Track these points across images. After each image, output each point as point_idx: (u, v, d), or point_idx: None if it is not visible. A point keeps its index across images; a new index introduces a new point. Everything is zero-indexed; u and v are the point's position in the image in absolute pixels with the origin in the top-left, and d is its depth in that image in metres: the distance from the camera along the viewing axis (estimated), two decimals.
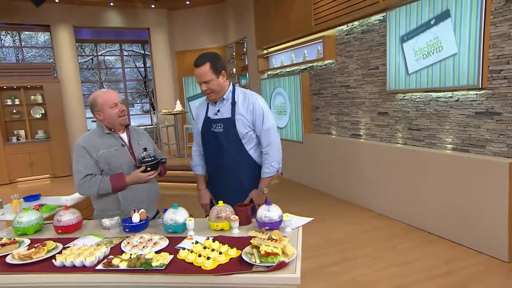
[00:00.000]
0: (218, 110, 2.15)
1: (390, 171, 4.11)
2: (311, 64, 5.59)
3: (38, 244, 1.63)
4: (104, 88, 15.18)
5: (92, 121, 11.97)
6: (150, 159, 2.08)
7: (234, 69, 8.51)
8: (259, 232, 1.62)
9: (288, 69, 6.27)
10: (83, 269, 1.45)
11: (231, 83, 2.20)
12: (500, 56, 3.00)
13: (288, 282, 1.33)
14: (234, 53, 8.37)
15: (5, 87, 7.49)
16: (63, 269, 1.46)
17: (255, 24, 6.91)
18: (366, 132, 4.66)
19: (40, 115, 7.89)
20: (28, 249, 1.59)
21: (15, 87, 7.53)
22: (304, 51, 5.67)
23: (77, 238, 1.77)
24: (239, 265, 1.41)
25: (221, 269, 1.38)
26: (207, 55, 2.07)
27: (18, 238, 1.75)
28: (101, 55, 14.61)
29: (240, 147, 2.12)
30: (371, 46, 4.40)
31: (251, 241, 1.49)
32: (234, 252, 1.49)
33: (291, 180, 6.24)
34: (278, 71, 6.56)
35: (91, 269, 1.44)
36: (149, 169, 2.08)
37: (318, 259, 3.23)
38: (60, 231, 1.86)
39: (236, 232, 1.74)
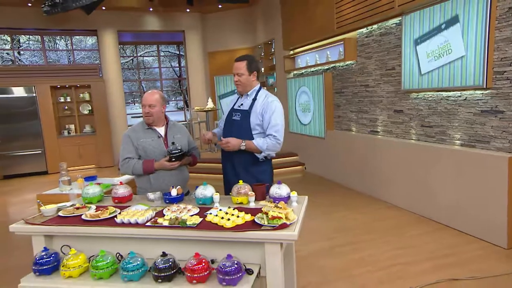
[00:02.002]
0: (242, 104, 2.61)
1: (403, 165, 4.37)
2: (334, 65, 5.89)
3: (103, 208, 2.14)
4: (143, 85, 16.11)
5: (132, 117, 12.80)
6: (176, 151, 2.53)
7: (263, 69, 8.92)
8: (269, 202, 2.03)
9: (312, 69, 6.59)
10: (136, 225, 1.93)
11: (259, 85, 2.63)
12: (504, 59, 3.20)
13: (288, 238, 1.74)
14: (262, 54, 8.78)
15: (58, 86, 8.36)
16: (122, 225, 1.95)
17: (282, 27, 7.27)
18: (383, 128, 4.92)
19: (88, 111, 8.72)
20: (96, 211, 2.10)
21: (67, 86, 8.39)
22: (327, 52, 5.98)
23: (129, 206, 2.26)
24: (252, 225, 1.83)
25: (238, 228, 1.81)
26: (248, 55, 2.58)
27: (87, 205, 2.27)
28: (140, 56, 15.57)
29: (249, 134, 2.53)
30: (388, 48, 4.66)
31: (262, 209, 1.90)
32: (248, 217, 1.91)
33: (313, 174, 6.58)
34: (303, 70, 6.90)
35: (142, 225, 1.92)
36: (173, 159, 2.52)
37: (331, 241, 3.59)
38: (116, 201, 2.36)
39: (252, 205, 2.16)
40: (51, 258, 1.90)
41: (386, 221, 4.06)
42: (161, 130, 2.64)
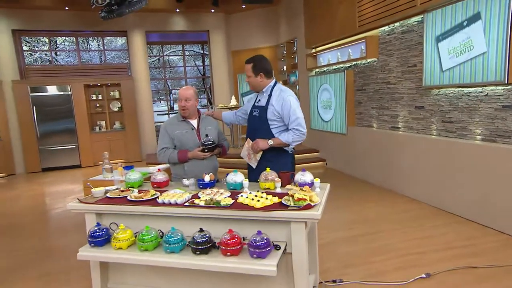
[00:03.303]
0: (259, 100, 2.82)
1: (424, 160, 4.45)
2: (355, 62, 6.00)
3: (145, 191, 2.40)
4: (168, 84, 16.60)
5: (158, 114, 13.24)
6: (209, 142, 2.77)
7: (285, 67, 9.10)
8: (294, 186, 2.22)
9: (334, 67, 6.71)
10: (175, 205, 2.17)
11: (274, 81, 2.82)
12: None
13: (312, 217, 1.93)
14: (285, 52, 8.95)
15: (91, 85, 8.84)
16: (163, 204, 2.20)
17: (305, 26, 7.42)
18: (404, 124, 5.00)
19: (117, 108, 9.17)
20: (139, 194, 2.37)
21: (99, 84, 8.85)
22: (349, 50, 6.09)
23: (167, 190, 2.51)
24: (279, 206, 2.03)
25: (266, 208, 2.01)
26: (255, 58, 2.76)
27: (130, 188, 2.54)
28: (166, 55, 16.05)
29: (268, 128, 2.73)
30: (410, 45, 4.74)
31: (288, 192, 2.10)
32: (276, 199, 2.11)
33: (335, 169, 6.71)
34: (325, 68, 7.03)
35: (181, 205, 2.16)
36: (206, 150, 2.77)
37: (351, 231, 3.75)
38: (155, 185, 2.62)
39: (279, 190, 2.36)
40: (103, 232, 2.18)
41: (405, 213, 4.17)
42: (194, 122, 2.88)
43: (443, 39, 4.12)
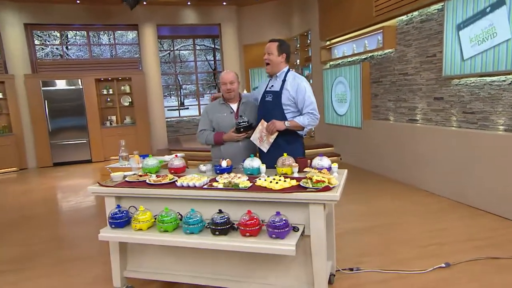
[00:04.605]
0: (272, 85, 2.90)
1: (443, 152, 4.45)
2: (371, 54, 6.01)
3: (163, 175, 2.49)
4: (179, 79, 16.74)
5: (168, 110, 13.39)
6: (243, 123, 2.84)
7: (298, 61, 9.13)
8: (313, 169, 2.29)
9: (349, 59, 6.73)
10: (194, 188, 2.26)
11: (288, 67, 2.90)
12: None
13: (331, 198, 1.99)
14: (298, 45, 8.99)
15: (102, 79, 9.03)
16: (182, 187, 2.28)
17: (319, 17, 7.45)
18: (422, 117, 5.01)
19: (128, 103, 9.34)
20: (157, 178, 2.46)
21: (110, 79, 9.04)
22: (365, 42, 6.10)
23: (185, 175, 2.60)
24: (297, 188, 2.10)
25: (285, 190, 2.08)
26: (281, 39, 2.88)
27: (148, 173, 2.64)
28: (176, 49, 16.25)
29: (282, 113, 2.81)
30: (429, 35, 4.74)
31: (306, 175, 2.17)
32: (294, 182, 2.18)
33: (350, 164, 6.73)
34: (340, 61, 7.05)
35: (200, 188, 2.25)
36: (242, 130, 2.83)
37: (368, 222, 3.79)
38: (172, 171, 2.71)
39: (296, 175, 2.43)
40: (123, 214, 2.28)
41: (424, 206, 4.19)
42: (234, 106, 2.98)
43: (465, 27, 4.12)
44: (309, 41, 8.51)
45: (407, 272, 2.73)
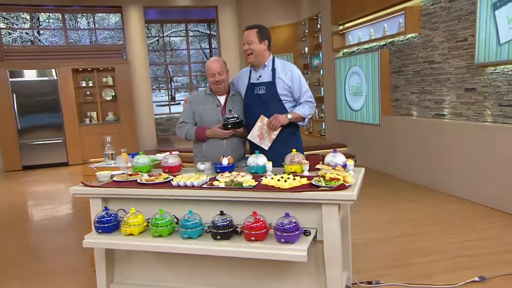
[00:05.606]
0: (260, 76, 2.97)
1: (476, 152, 4.52)
2: (391, 39, 6.09)
3: (156, 174, 2.57)
4: (169, 69, 16.78)
5: (157, 105, 13.51)
6: (232, 119, 2.88)
7: (306, 48, 9.23)
8: (326, 166, 2.36)
9: (365, 46, 6.81)
10: (192, 187, 2.33)
11: (271, 55, 2.99)
12: None
13: (346, 198, 2.06)
14: (306, 31, 9.08)
15: (80, 69, 9.13)
16: (178, 187, 2.35)
17: None
18: (451, 111, 5.08)
19: (111, 97, 9.44)
20: (149, 177, 2.53)
21: (89, 69, 9.13)
22: (384, 25, 6.18)
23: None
24: (309, 187, 2.17)
25: (295, 189, 2.15)
26: (258, 24, 3.00)
27: (138, 173, 2.71)
28: (166, 36, 16.38)
29: (281, 104, 2.90)
30: (459, 16, 4.81)
31: (319, 172, 2.24)
32: (305, 180, 2.25)
33: (366, 167, 6.74)
34: (355, 48, 7.14)
35: (199, 187, 2.31)
36: (229, 126, 2.86)
37: (388, 231, 3.86)
38: (166, 170, 2.78)
39: (306, 173, 2.49)
40: (112, 217, 2.35)
41: (453, 214, 4.25)
42: (222, 98, 3.02)
43: (502, 5, 4.17)
44: (319, 26, 8.60)
45: (434, 286, 2.78)
